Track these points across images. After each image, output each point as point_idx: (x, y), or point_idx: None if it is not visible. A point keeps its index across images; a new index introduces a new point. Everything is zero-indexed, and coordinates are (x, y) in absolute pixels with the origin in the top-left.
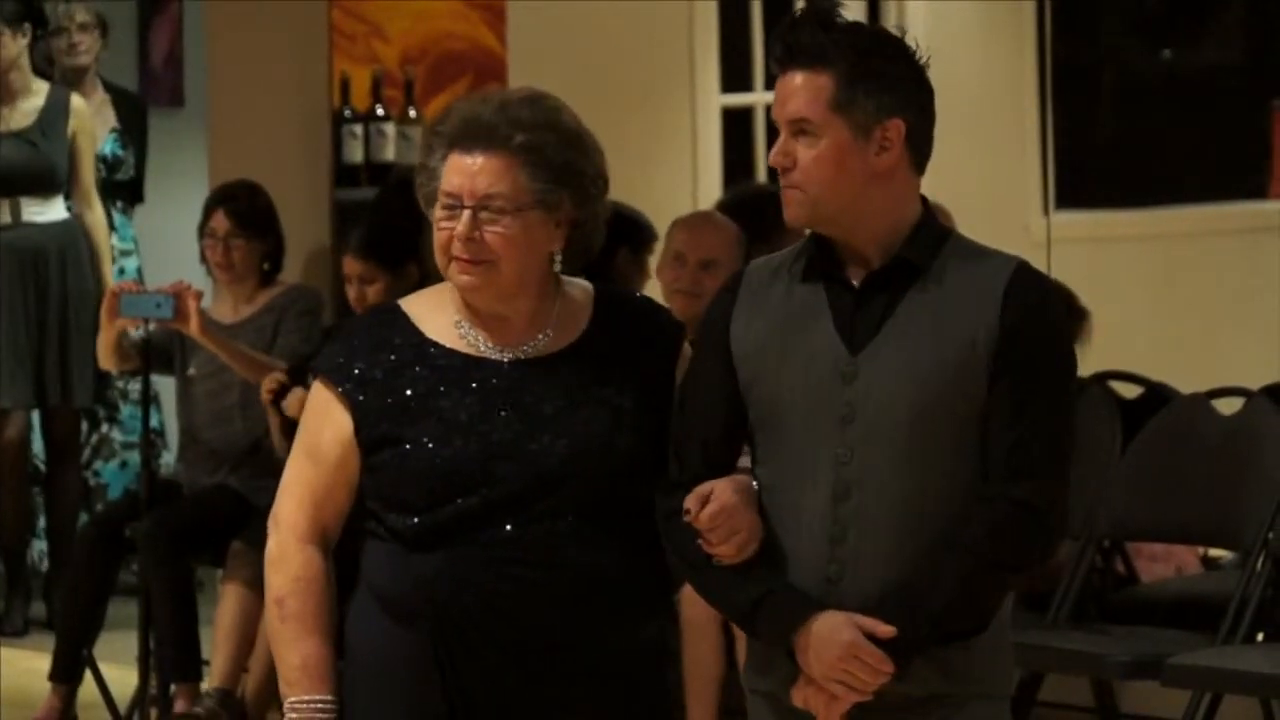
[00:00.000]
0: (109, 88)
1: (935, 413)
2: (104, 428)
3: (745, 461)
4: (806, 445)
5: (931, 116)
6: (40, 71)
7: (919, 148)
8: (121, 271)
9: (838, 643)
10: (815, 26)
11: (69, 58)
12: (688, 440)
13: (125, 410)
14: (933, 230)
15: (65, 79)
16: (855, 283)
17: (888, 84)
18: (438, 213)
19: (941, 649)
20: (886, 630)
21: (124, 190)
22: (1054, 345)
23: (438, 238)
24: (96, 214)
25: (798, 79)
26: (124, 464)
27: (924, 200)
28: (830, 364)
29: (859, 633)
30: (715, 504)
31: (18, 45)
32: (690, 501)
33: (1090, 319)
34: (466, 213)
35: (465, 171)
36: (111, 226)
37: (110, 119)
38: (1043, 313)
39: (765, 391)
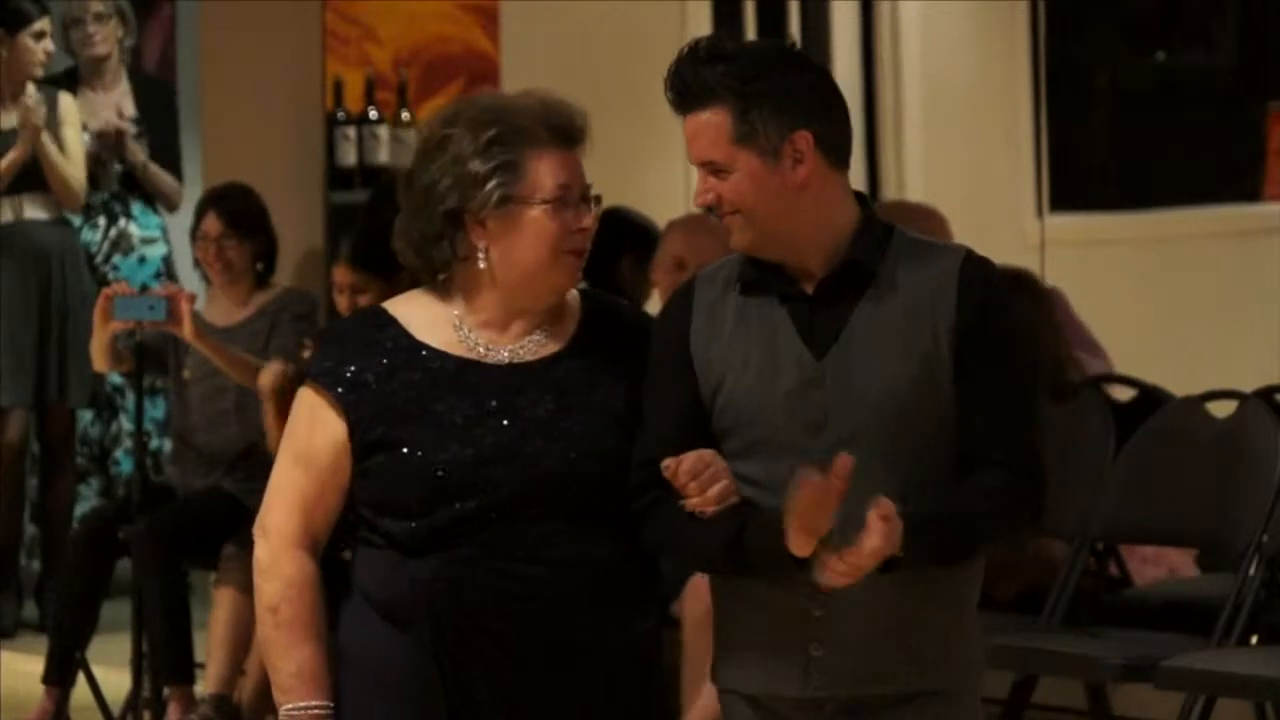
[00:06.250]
0: (134, 77)
1: (905, 409)
2: (121, 418)
3: None
4: (780, 453)
5: (840, 113)
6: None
7: (834, 148)
8: (143, 260)
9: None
10: (695, 64)
11: (86, 49)
12: (660, 454)
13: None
14: (875, 229)
15: (87, 71)
16: (809, 290)
17: (782, 101)
18: (545, 209)
19: (915, 643)
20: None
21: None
22: (1011, 324)
23: (550, 229)
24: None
25: (696, 121)
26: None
27: (861, 198)
28: (796, 372)
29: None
30: (694, 454)
31: (40, 48)
32: (668, 460)
33: (1053, 297)
34: (583, 204)
35: (568, 166)
36: (131, 216)
37: (131, 109)
38: (996, 296)
39: (729, 402)
